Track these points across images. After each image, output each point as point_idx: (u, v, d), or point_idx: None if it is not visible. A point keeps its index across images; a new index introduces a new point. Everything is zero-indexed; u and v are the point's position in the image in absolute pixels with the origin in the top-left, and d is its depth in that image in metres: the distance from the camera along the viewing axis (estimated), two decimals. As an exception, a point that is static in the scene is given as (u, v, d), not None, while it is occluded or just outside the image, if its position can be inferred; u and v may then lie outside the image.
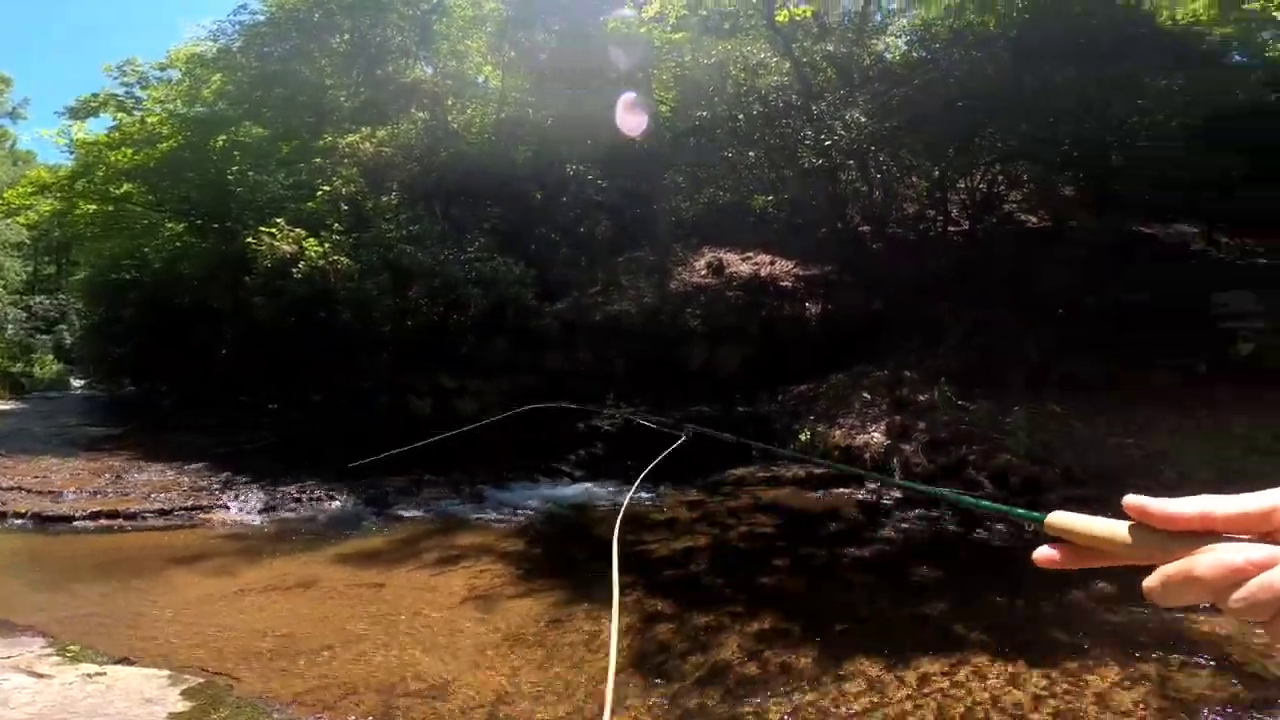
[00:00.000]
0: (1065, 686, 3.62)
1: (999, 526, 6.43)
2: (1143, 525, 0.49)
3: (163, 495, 7.86)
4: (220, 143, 15.87)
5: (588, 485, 8.53)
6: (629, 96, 13.09)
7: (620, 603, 5.07)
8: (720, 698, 3.73)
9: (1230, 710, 3.32)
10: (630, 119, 13.02)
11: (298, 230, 11.33)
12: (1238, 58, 13.08)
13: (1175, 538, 0.47)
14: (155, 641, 4.48)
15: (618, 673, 4.08)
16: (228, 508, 7.54)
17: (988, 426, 7.49)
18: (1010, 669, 3.82)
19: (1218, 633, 4.13)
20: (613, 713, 3.55)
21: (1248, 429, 6.67)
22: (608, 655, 4.26)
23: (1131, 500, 0.48)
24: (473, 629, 4.68)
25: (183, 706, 3.61)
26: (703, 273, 12.70)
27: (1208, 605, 0.42)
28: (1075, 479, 6.78)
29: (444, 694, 3.89)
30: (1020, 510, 0.60)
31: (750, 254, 13.14)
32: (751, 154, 12.74)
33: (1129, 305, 8.95)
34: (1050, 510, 0.54)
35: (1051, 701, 3.48)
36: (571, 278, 12.91)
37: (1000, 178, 12.33)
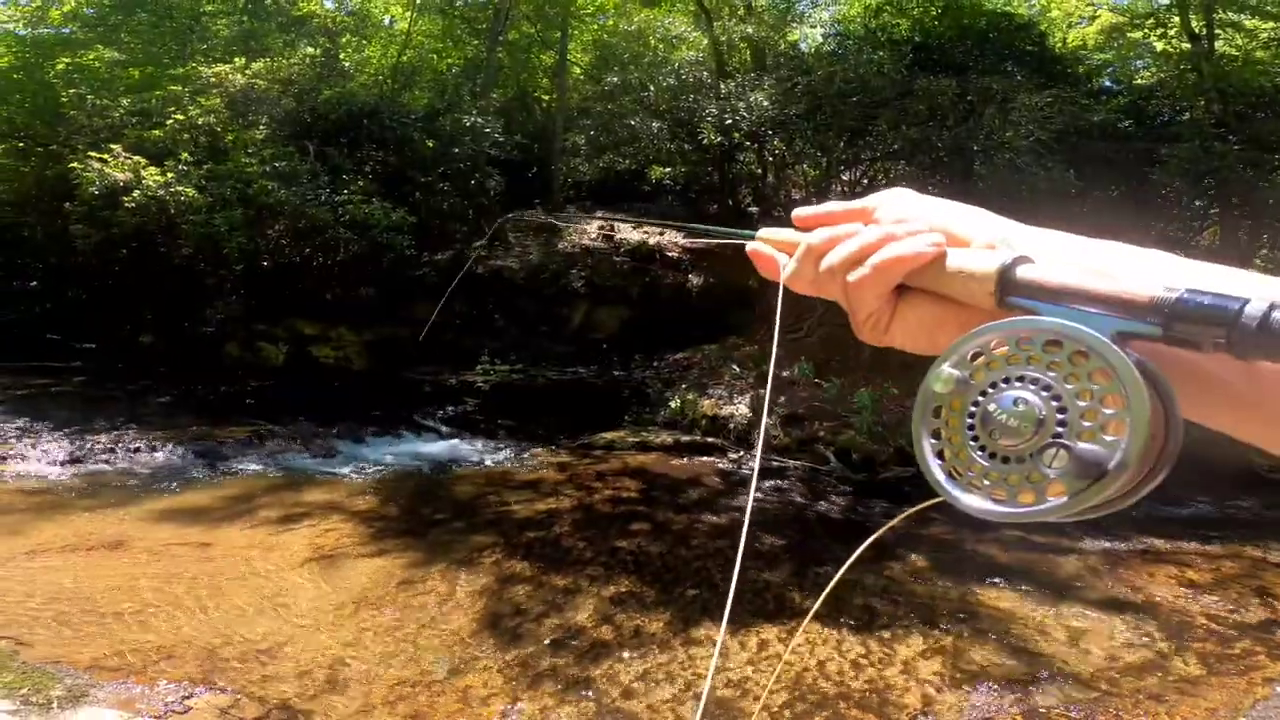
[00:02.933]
0: (880, 655, 3.92)
1: (837, 499, 6.89)
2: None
3: (-57, 442, 6.78)
4: (61, 65, 14.00)
5: (455, 442, 8.27)
6: None
7: (478, 563, 4.92)
8: (573, 660, 3.76)
9: (1006, 682, 3.71)
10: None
11: (136, 158, 10.12)
12: (1108, 83, 14.42)
13: None
14: (-75, 605, 3.91)
15: (469, 636, 4.00)
16: (24, 458, 6.59)
17: (838, 404, 7.99)
18: (836, 637, 4.09)
19: (1001, 607, 4.59)
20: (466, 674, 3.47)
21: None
22: (466, 617, 4.17)
23: (795, 212, 0.56)
24: (314, 590, 4.43)
25: (-46, 672, 3.17)
26: (593, 236, 12.59)
27: (994, 579, 0.41)
28: (907, 459, 7.38)
29: (276, 656, 3.67)
30: (735, 230, 0.64)
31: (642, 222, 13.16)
32: (656, 125, 12.69)
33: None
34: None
35: (869, 670, 3.76)
36: (456, 230, 12.41)
37: (880, 175, 13.00)
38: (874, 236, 0.49)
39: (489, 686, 3.49)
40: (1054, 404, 0.38)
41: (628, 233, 12.76)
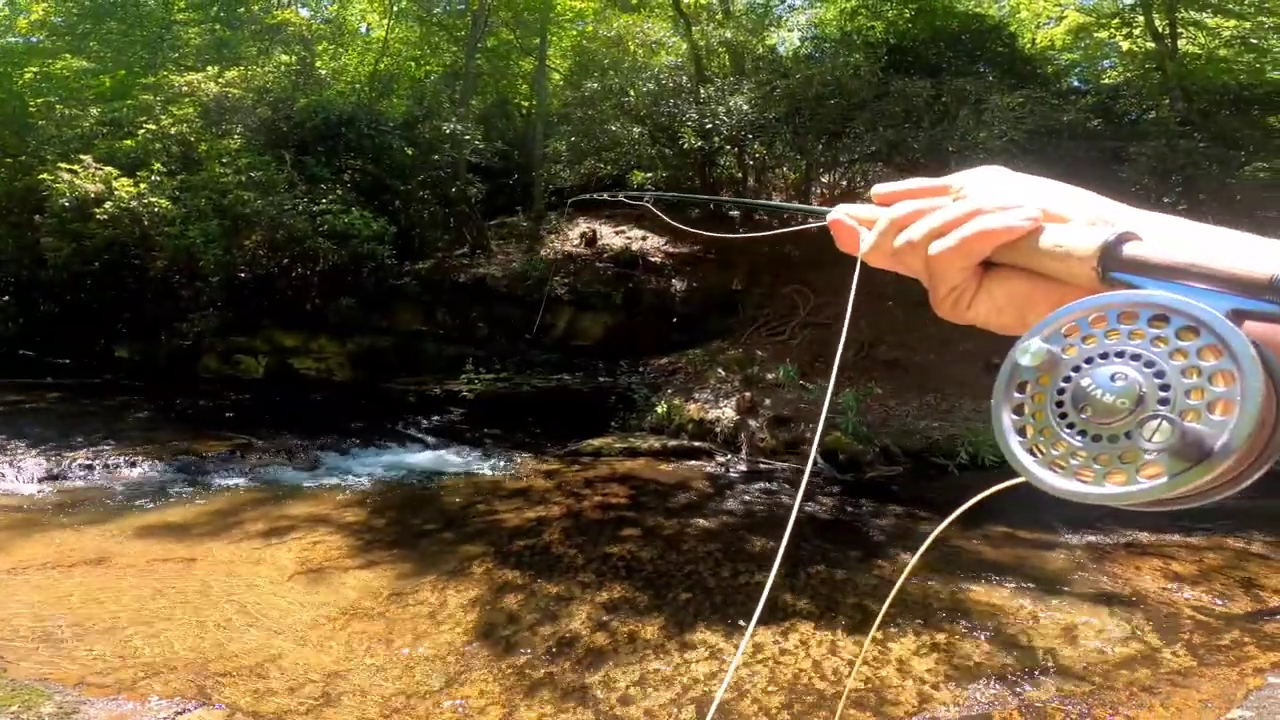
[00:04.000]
0: (874, 654, 3.93)
1: (825, 499, 6.93)
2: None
3: (-86, 463, 6.58)
4: (29, 74, 13.76)
5: (441, 452, 8.20)
6: None
7: (469, 573, 4.85)
8: (569, 668, 3.73)
9: (1001, 677, 3.74)
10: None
11: (108, 169, 9.96)
12: (1076, 83, 14.71)
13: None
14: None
15: (463, 646, 3.96)
16: (0, 476, 6.47)
17: (822, 406, 8.04)
18: (830, 637, 4.10)
19: (992, 603, 4.64)
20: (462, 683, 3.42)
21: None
22: (459, 628, 4.12)
23: (874, 189, 0.57)
24: (303, 604, 4.36)
25: (-65, 697, 3.08)
26: (575, 242, 12.58)
27: (984, 576, 0.41)
28: (892, 458, 7.44)
29: (269, 671, 3.60)
30: (809, 207, 0.68)
31: (624, 227, 13.17)
32: (636, 130, 12.74)
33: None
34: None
35: (863, 669, 3.78)
36: (437, 238, 12.33)
37: (859, 177, 13.13)
38: (961, 210, 0.48)
39: (485, 696, 3.46)
40: (1156, 380, 0.36)
41: (610, 238, 12.76)
